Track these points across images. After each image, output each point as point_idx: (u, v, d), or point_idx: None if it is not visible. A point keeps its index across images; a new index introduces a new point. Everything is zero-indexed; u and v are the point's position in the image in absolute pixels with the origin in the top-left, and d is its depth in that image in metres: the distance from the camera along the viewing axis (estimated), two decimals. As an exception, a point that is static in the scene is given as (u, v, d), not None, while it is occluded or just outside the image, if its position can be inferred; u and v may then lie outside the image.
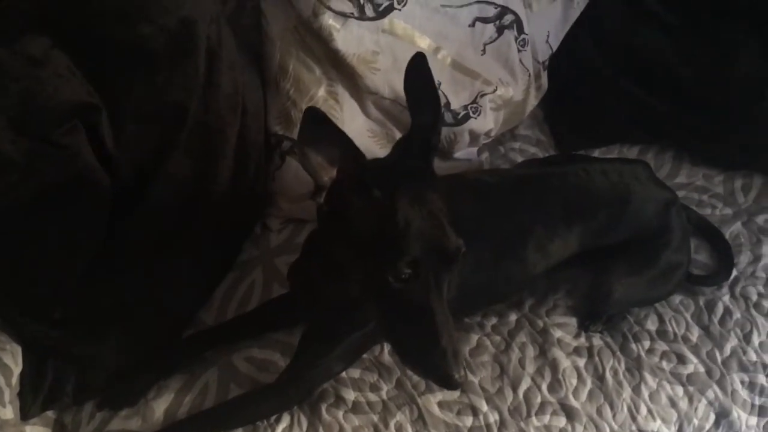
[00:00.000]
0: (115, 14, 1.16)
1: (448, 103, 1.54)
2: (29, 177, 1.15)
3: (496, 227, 1.23)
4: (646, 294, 1.42)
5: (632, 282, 1.36)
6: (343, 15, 1.38)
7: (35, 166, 1.14)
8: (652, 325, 1.45)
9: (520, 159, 1.77)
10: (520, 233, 1.27)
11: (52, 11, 1.13)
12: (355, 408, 1.27)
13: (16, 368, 1.17)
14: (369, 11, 1.40)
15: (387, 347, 1.35)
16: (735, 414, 1.34)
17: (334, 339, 1.20)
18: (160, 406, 1.26)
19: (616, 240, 1.34)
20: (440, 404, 1.29)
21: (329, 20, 1.37)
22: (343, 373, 1.30)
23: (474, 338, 1.38)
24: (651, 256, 1.36)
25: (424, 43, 1.49)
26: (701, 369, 1.39)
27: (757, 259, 1.58)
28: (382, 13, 1.42)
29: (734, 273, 1.54)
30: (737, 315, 1.47)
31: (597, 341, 1.41)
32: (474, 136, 1.62)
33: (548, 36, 1.73)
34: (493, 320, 1.42)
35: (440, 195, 0.97)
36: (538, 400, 1.31)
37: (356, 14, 1.39)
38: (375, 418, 1.26)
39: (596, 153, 1.81)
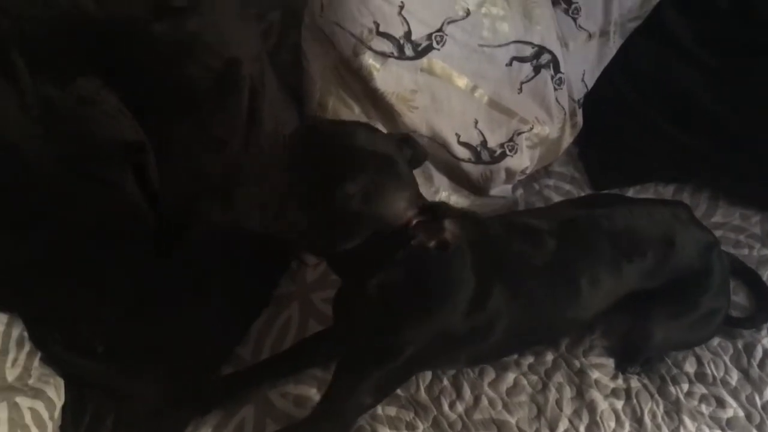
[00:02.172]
0: (163, 56, 1.19)
1: (484, 141, 1.55)
2: (76, 213, 1.17)
3: (547, 271, 1.23)
4: (685, 338, 1.41)
5: (672, 326, 1.35)
6: (383, 55, 1.40)
7: (83, 202, 1.17)
8: (690, 367, 1.43)
9: (554, 196, 1.77)
10: (571, 277, 1.27)
11: (103, 54, 1.16)
12: (392, 446, 1.27)
13: (59, 401, 1.19)
14: (408, 51, 1.42)
15: (423, 384, 1.35)
16: (775, 460, 1.32)
17: (364, 371, 1.19)
18: (197, 442, 1.26)
19: (659, 283, 1.33)
20: (477, 444, 1.29)
21: (369, 60, 1.39)
22: (379, 410, 1.30)
23: (511, 377, 1.37)
24: (691, 300, 1.35)
25: (461, 83, 1.50)
26: (741, 413, 1.37)
27: (796, 301, 1.55)
28: (421, 53, 1.44)
29: (773, 315, 1.52)
30: (777, 358, 1.45)
31: (635, 383, 1.39)
32: (510, 174, 1.63)
33: (584, 74, 1.74)
34: (530, 359, 1.41)
35: None
36: (576, 442, 1.31)
37: (396, 54, 1.41)
38: (411, 457, 1.26)
39: (630, 191, 1.80)
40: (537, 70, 1.59)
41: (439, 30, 1.44)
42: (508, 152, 1.58)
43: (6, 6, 1.05)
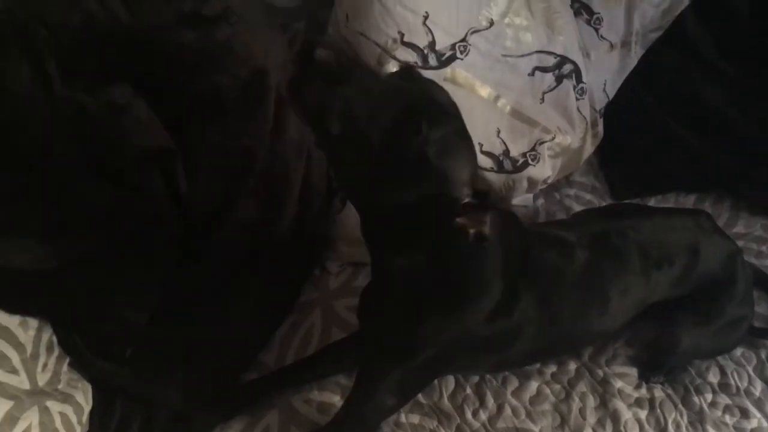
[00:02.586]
0: (193, 65, 1.22)
1: (507, 151, 1.56)
2: (106, 218, 1.19)
3: (577, 283, 1.24)
4: (712, 345, 1.41)
5: (699, 333, 1.35)
6: (407, 64, 1.41)
7: (113, 208, 1.19)
8: (713, 377, 1.43)
9: (575, 205, 1.77)
10: (601, 289, 1.27)
11: (135, 61, 1.18)
12: (415, 454, 1.27)
13: (87, 406, 1.20)
14: (432, 61, 1.44)
15: (446, 392, 1.35)
16: (800, 470, 1.32)
17: (384, 370, 1.18)
18: (222, 447, 1.27)
19: (685, 291, 1.34)
20: (501, 452, 1.29)
21: (393, 69, 1.40)
22: (403, 418, 1.31)
23: (534, 385, 1.38)
24: (717, 308, 1.35)
25: (484, 92, 1.51)
26: (765, 423, 1.36)
27: (819, 311, 1.55)
28: (444, 63, 1.45)
29: (796, 325, 1.51)
30: (800, 368, 1.44)
31: (658, 393, 1.39)
32: (532, 183, 1.63)
33: (605, 84, 1.75)
34: (553, 368, 1.41)
35: None
36: (600, 451, 1.30)
37: (420, 63, 1.42)
38: (435, 464, 1.26)
39: (652, 201, 1.80)
40: (559, 80, 1.60)
41: (463, 40, 1.46)
42: (530, 161, 1.59)
43: (43, 15, 1.08)
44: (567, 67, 1.60)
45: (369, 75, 0.93)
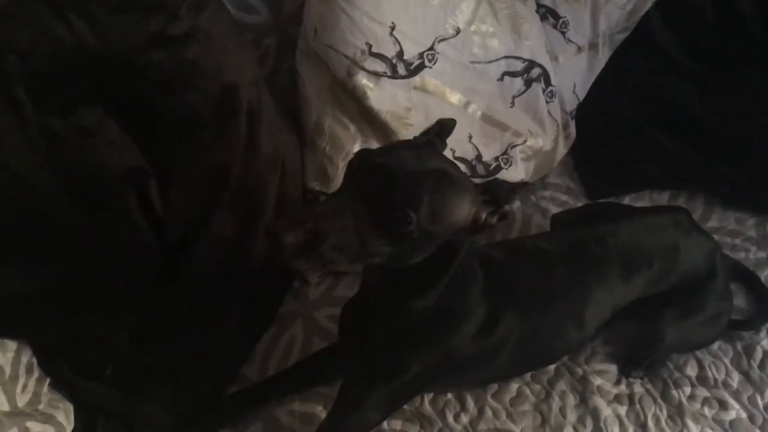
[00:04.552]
0: (162, 84, 1.23)
1: (479, 156, 1.58)
2: (84, 241, 1.20)
3: (557, 294, 1.26)
4: (694, 339, 1.43)
5: (682, 327, 1.37)
6: (377, 74, 1.43)
7: (89, 229, 1.20)
8: (692, 371, 1.44)
9: (551, 207, 1.79)
10: (580, 298, 1.29)
11: (104, 84, 1.19)
12: (398, 460, 1.28)
13: (69, 426, 1.21)
14: (401, 70, 1.46)
15: (427, 397, 1.36)
16: (779, 460, 1.33)
17: (371, 386, 1.20)
18: (207, 462, 1.28)
19: (667, 288, 1.35)
20: (483, 455, 1.30)
21: (363, 80, 1.43)
22: (385, 424, 1.31)
23: (514, 387, 1.39)
24: (699, 302, 1.37)
25: (454, 99, 1.53)
26: (743, 415, 1.38)
27: (794, 301, 1.57)
28: (413, 72, 1.47)
29: (772, 316, 1.53)
30: (776, 359, 1.46)
31: (638, 388, 1.41)
32: (506, 187, 1.65)
33: (575, 87, 1.77)
34: (533, 369, 1.43)
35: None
36: (581, 449, 1.32)
37: (389, 73, 1.44)
38: (418, 469, 1.27)
39: (626, 200, 1.82)
40: (528, 83, 1.63)
41: (431, 48, 1.48)
42: (502, 165, 1.61)
43: (12, 41, 1.09)
44: (535, 71, 1.63)
45: (339, 212, 0.89)
